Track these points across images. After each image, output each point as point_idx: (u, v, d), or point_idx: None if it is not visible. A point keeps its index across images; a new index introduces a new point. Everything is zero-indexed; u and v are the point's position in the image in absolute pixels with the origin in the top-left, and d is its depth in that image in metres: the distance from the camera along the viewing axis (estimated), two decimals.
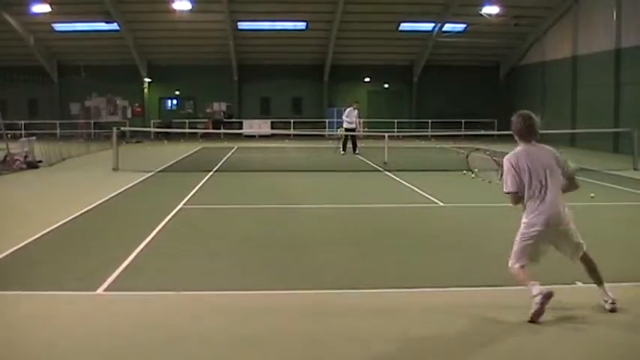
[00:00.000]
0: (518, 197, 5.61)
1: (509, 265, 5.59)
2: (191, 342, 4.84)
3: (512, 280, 6.45)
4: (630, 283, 6.46)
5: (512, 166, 5.57)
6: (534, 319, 5.20)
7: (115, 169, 17.24)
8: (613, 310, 5.45)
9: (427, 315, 5.52)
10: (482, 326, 5.21)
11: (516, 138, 5.71)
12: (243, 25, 34.25)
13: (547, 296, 5.23)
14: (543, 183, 5.44)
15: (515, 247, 5.56)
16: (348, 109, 23.92)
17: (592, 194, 12.46)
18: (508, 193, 5.66)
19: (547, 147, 5.66)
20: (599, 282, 5.63)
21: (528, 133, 5.60)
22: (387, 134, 21.68)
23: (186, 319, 5.39)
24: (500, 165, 5.94)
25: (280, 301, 5.95)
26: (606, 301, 5.51)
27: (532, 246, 5.50)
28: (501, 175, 5.82)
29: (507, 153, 5.79)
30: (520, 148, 5.64)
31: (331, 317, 5.43)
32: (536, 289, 5.28)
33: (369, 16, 32.66)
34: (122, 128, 23.11)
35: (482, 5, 30.60)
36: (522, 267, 5.52)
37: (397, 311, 5.62)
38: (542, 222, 5.41)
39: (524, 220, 5.54)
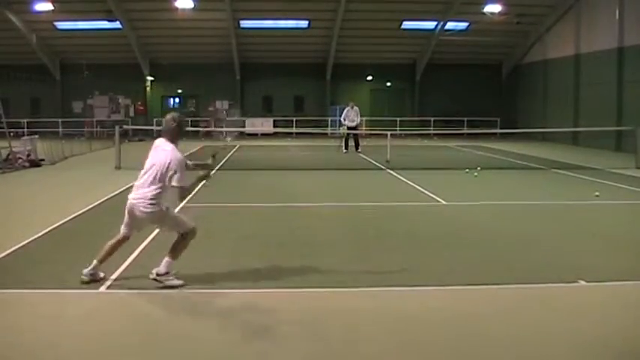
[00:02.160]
0: None
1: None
2: (192, 340, 4.83)
3: (515, 279, 6.47)
4: (634, 281, 6.43)
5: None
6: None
7: (118, 167, 17.24)
8: (155, 280, 6.12)
9: (428, 314, 5.52)
10: (483, 326, 5.20)
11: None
12: (245, 23, 34.26)
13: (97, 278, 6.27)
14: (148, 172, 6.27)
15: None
16: (346, 110, 24.00)
17: (597, 193, 12.46)
18: None
19: (173, 151, 6.30)
20: (172, 257, 6.33)
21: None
22: (389, 132, 21.68)
23: (188, 317, 5.39)
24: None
25: (281, 300, 5.94)
26: (155, 272, 6.20)
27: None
28: None
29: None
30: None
31: (333, 316, 5.42)
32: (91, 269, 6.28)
33: (372, 14, 32.64)
34: (124, 126, 23.08)
35: (484, 4, 30.57)
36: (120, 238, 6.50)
37: (399, 310, 5.61)
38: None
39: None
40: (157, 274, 6.16)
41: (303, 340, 4.89)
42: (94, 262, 6.27)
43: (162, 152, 6.24)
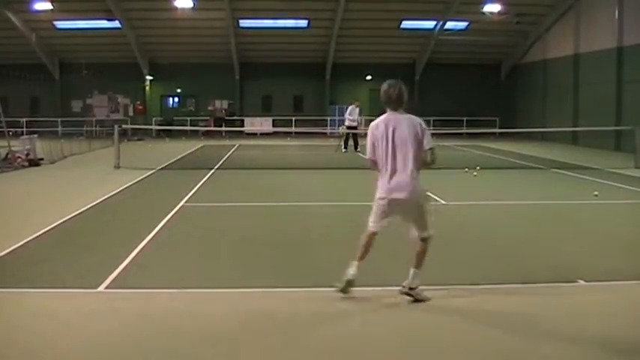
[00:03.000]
0: (373, 164, 5.76)
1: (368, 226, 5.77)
2: (192, 340, 4.83)
3: (517, 277, 6.46)
4: (634, 281, 6.43)
5: (372, 132, 5.68)
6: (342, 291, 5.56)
7: (117, 166, 17.24)
8: (407, 295, 5.61)
9: (429, 313, 5.51)
10: (482, 325, 5.20)
11: (384, 105, 5.81)
12: (244, 22, 34.25)
13: (348, 284, 5.56)
14: (397, 153, 5.52)
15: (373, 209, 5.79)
16: (350, 108, 23.98)
17: (596, 192, 12.46)
18: (369, 159, 5.78)
19: (412, 117, 5.71)
20: (416, 266, 5.68)
21: (397, 101, 5.75)
22: None
23: (187, 317, 5.38)
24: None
25: (281, 299, 5.94)
26: (406, 285, 5.63)
27: (380, 215, 5.72)
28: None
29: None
30: (385, 115, 5.75)
31: (333, 316, 5.42)
32: (352, 270, 5.59)
33: (371, 14, 32.64)
34: (124, 126, 23.11)
35: (483, 3, 30.57)
36: (371, 234, 5.75)
37: (399, 309, 5.61)
38: (382, 193, 5.59)
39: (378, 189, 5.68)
40: (410, 288, 5.60)
41: (303, 340, 4.88)
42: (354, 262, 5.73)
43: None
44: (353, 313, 5.50)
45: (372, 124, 5.74)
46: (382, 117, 5.74)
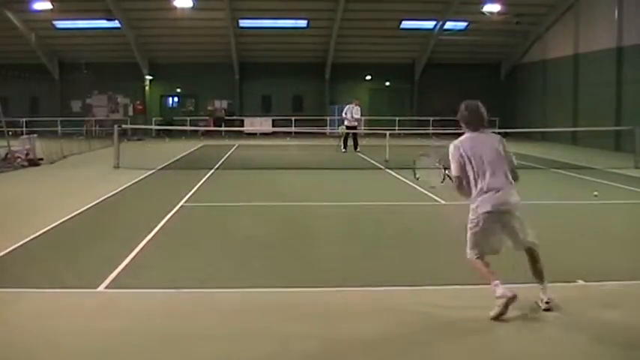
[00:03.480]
0: (460, 182, 5.58)
1: (467, 255, 5.55)
2: (192, 340, 4.83)
3: (514, 278, 6.45)
4: (634, 281, 6.43)
5: (457, 151, 5.54)
6: (496, 319, 5.16)
7: (116, 166, 17.23)
8: (548, 310, 5.36)
9: (429, 312, 5.51)
10: (482, 324, 5.19)
11: (462, 126, 5.74)
12: (244, 22, 34.24)
13: (511, 300, 5.18)
14: (487, 169, 5.41)
15: (468, 236, 5.55)
16: (347, 107, 23.92)
17: (595, 193, 12.45)
18: (455, 177, 5.59)
19: (493, 134, 5.68)
20: (540, 279, 5.51)
21: (475, 121, 5.68)
22: (388, 132, 21.67)
23: (187, 316, 5.38)
24: (444, 168, 5.89)
25: (281, 299, 5.94)
26: (542, 300, 5.42)
27: (481, 234, 5.46)
28: (444, 177, 5.81)
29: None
30: (466, 135, 5.65)
31: (333, 316, 5.41)
32: (500, 290, 5.22)
33: (371, 14, 32.64)
34: (123, 126, 23.11)
35: (483, 3, 30.54)
36: (479, 258, 5.47)
37: (399, 309, 5.61)
38: (487, 207, 5.39)
39: (472, 206, 5.53)
40: (547, 301, 5.43)
41: (304, 340, 4.88)
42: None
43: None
44: (351, 314, 5.50)
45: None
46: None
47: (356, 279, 6.56)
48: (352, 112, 23.68)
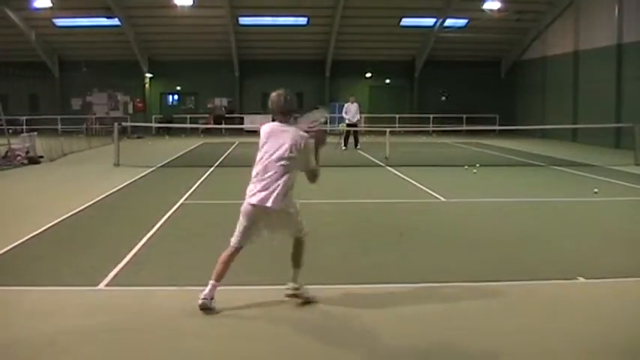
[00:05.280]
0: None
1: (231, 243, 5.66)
2: (192, 337, 4.84)
3: (514, 275, 6.46)
4: (634, 278, 6.43)
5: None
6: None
7: (117, 164, 17.24)
8: (294, 296, 5.54)
9: (429, 311, 5.52)
10: (482, 323, 5.20)
11: (273, 114, 5.76)
12: (244, 20, 34.22)
13: (201, 307, 5.33)
14: (269, 164, 5.47)
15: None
16: (347, 105, 23.93)
17: (596, 190, 12.47)
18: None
19: (300, 134, 5.57)
20: (295, 265, 5.68)
21: (284, 110, 5.62)
22: (388, 129, 21.67)
23: (187, 314, 5.38)
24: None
25: (281, 297, 5.94)
26: (288, 287, 5.59)
27: (246, 229, 5.61)
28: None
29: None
30: (273, 122, 5.71)
31: (333, 313, 5.42)
32: (209, 291, 5.41)
33: (371, 11, 32.62)
34: (123, 123, 23.10)
35: (483, 0, 30.55)
36: (233, 251, 5.60)
37: (399, 306, 5.61)
38: (254, 201, 5.46)
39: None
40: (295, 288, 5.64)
41: (304, 338, 4.89)
42: None
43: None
44: (350, 310, 5.50)
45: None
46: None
47: (356, 276, 6.56)
48: (346, 110, 23.72)
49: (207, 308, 5.34)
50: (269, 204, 5.40)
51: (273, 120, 5.71)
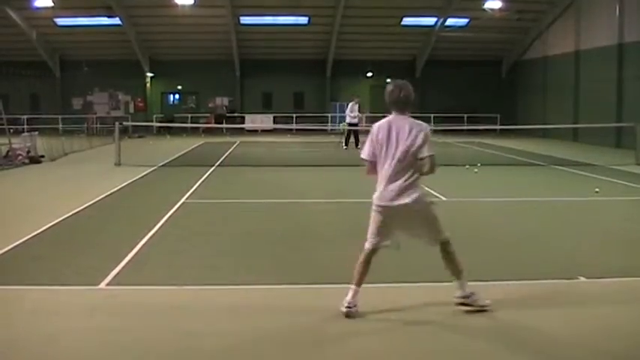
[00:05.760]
0: (371, 166, 5.40)
1: (365, 244, 5.43)
2: (193, 336, 4.83)
3: (515, 275, 6.46)
4: (635, 277, 6.43)
5: (373, 134, 5.32)
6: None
7: (118, 163, 17.24)
8: (463, 305, 5.29)
9: (429, 310, 5.51)
10: (482, 322, 5.20)
11: (389, 107, 5.44)
12: (245, 19, 34.24)
13: (347, 315, 5.16)
14: (395, 159, 5.19)
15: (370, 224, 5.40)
16: (350, 104, 23.91)
17: (597, 189, 12.46)
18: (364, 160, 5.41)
19: (417, 122, 5.30)
20: (457, 275, 5.37)
21: (402, 104, 5.32)
22: None
23: (188, 313, 5.38)
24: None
25: (282, 296, 5.95)
26: (458, 296, 5.33)
27: (381, 223, 5.30)
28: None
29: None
30: (390, 117, 5.38)
31: (333, 313, 5.41)
32: (350, 296, 5.21)
33: (372, 10, 32.63)
34: (124, 123, 23.12)
35: (484, 0, 30.54)
36: (373, 250, 5.35)
37: (399, 307, 5.61)
38: (387, 199, 5.22)
39: (375, 193, 5.36)
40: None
41: (304, 337, 4.89)
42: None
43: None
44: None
45: (375, 125, 5.45)
46: (386, 119, 5.41)
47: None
48: (350, 110, 23.70)
49: (352, 316, 5.15)
50: (407, 200, 5.17)
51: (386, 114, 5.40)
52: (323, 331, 5.00)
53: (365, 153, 5.37)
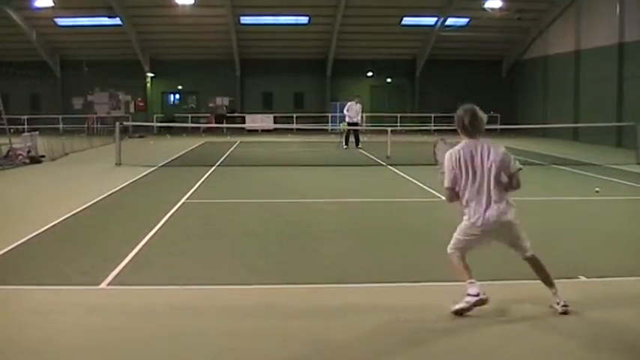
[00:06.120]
0: (453, 193, 5.47)
1: (448, 251, 5.55)
2: (193, 336, 4.84)
3: (515, 274, 6.46)
4: (636, 277, 6.43)
5: (452, 161, 5.37)
6: (457, 314, 5.21)
7: (118, 163, 17.24)
8: (565, 313, 5.26)
9: (429, 310, 5.51)
10: (482, 322, 5.20)
11: (459, 132, 5.47)
12: (245, 19, 34.25)
13: (479, 303, 5.20)
14: (484, 181, 5.25)
15: (456, 236, 5.52)
16: (349, 104, 23.90)
17: (597, 189, 12.45)
18: (447, 189, 5.50)
19: (493, 144, 5.40)
20: (548, 284, 5.42)
21: (472, 128, 5.36)
22: (389, 128, 21.66)
23: (188, 313, 5.39)
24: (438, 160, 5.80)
25: (282, 295, 5.95)
26: (558, 304, 5.32)
27: (470, 242, 5.47)
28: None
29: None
30: (463, 143, 5.41)
31: (334, 312, 5.42)
32: (474, 289, 5.24)
33: (372, 10, 32.64)
34: (125, 123, 23.13)
35: (484, 0, 30.56)
36: (461, 257, 5.46)
37: (400, 306, 5.61)
38: (482, 223, 5.30)
39: (465, 218, 5.42)
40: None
41: (304, 336, 4.89)
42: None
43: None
44: (351, 310, 5.51)
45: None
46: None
47: (357, 275, 6.56)
48: (348, 109, 23.67)
49: (483, 303, 5.22)
50: (509, 217, 5.32)
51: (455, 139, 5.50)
52: (322, 332, 5.00)
53: (447, 181, 5.44)
